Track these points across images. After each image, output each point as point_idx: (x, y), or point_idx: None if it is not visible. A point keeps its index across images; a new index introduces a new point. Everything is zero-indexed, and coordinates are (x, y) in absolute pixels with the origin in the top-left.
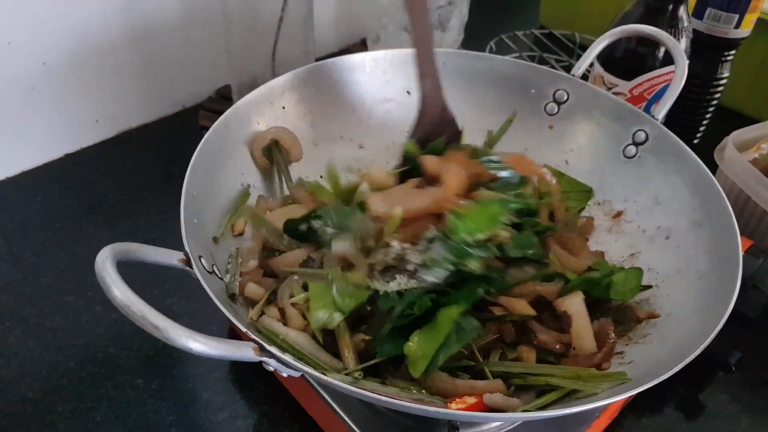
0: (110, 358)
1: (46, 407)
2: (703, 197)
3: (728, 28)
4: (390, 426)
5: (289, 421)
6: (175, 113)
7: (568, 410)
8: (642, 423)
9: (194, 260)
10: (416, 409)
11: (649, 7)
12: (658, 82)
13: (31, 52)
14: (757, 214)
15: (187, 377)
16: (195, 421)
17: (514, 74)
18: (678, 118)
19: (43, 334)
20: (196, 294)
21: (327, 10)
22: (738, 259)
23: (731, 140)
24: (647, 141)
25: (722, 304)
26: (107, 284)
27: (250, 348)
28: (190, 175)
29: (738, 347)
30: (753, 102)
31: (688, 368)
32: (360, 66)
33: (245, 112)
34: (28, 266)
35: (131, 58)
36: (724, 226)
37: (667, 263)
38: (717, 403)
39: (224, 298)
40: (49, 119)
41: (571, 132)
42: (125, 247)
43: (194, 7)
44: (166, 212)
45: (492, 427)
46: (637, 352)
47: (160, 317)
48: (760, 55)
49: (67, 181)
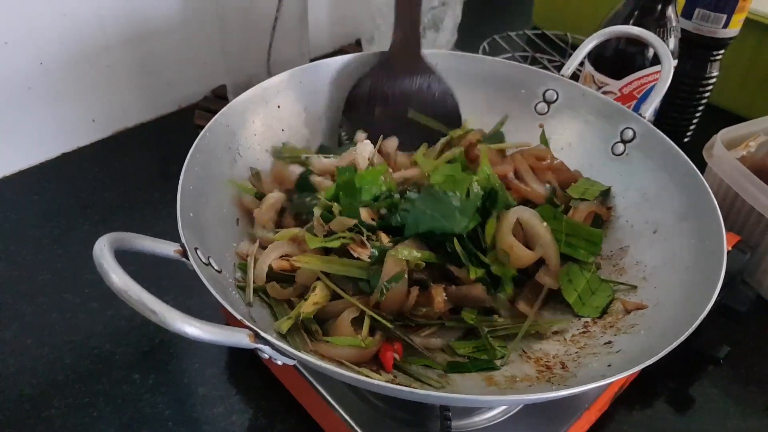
0: (107, 354)
1: (43, 403)
2: (690, 192)
3: (716, 28)
4: (383, 417)
5: (285, 416)
6: (171, 113)
7: (564, 392)
8: (632, 416)
9: (190, 252)
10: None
11: (638, 7)
12: (647, 81)
13: (27, 52)
14: (744, 210)
15: (183, 373)
16: (191, 415)
17: (505, 74)
18: (668, 117)
19: (40, 331)
20: (192, 290)
21: (321, 11)
22: (722, 251)
23: (720, 138)
24: (635, 138)
25: (707, 294)
26: (105, 270)
27: (245, 334)
28: (186, 170)
29: (727, 341)
30: (742, 101)
31: (677, 362)
32: (353, 66)
33: (241, 110)
34: (24, 264)
35: (127, 58)
36: (710, 219)
37: (654, 256)
38: (706, 397)
39: (220, 288)
40: (45, 119)
41: (561, 130)
42: (122, 236)
43: (190, 7)
44: (162, 211)
45: (483, 419)
46: (625, 342)
47: (156, 302)
48: (748, 54)
49: (64, 180)
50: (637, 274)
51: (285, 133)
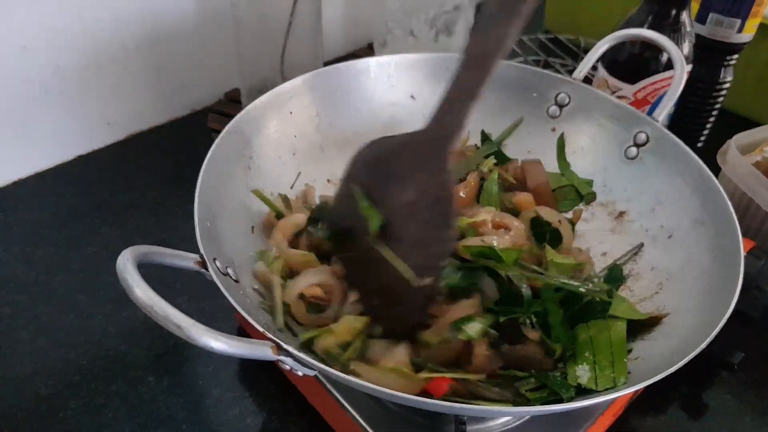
0: (122, 356)
1: (59, 403)
2: (704, 196)
3: (731, 33)
4: (398, 422)
5: (298, 418)
6: (185, 116)
7: (577, 404)
8: (646, 421)
9: (209, 263)
10: (426, 403)
11: (652, 12)
12: (662, 86)
13: (44, 55)
14: (759, 215)
15: (197, 375)
16: (205, 417)
17: (517, 78)
18: (682, 122)
19: (55, 332)
20: (204, 293)
21: (335, 15)
22: (739, 255)
23: (734, 143)
24: (648, 142)
25: (725, 300)
26: (129, 285)
27: (268, 347)
28: (202, 180)
29: (741, 347)
30: (756, 106)
31: (691, 367)
32: (365, 71)
33: (254, 116)
34: (40, 266)
35: (142, 61)
36: (725, 224)
37: (670, 261)
38: (720, 402)
39: (240, 299)
40: (61, 121)
41: (573, 134)
42: (145, 249)
43: (205, 11)
44: (177, 213)
45: (498, 424)
46: (643, 349)
47: (181, 316)
48: (762, 59)
49: (79, 182)
50: (653, 280)
51: (297, 139)
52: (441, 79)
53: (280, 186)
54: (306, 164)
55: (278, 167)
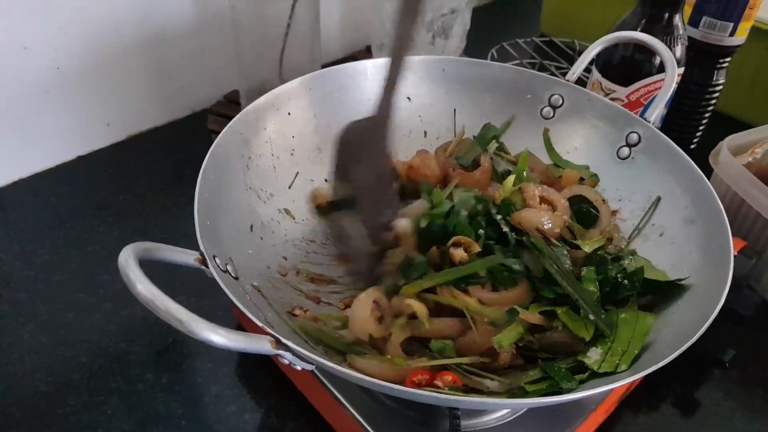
0: (121, 353)
1: (59, 400)
2: (695, 195)
3: (723, 36)
4: (395, 417)
5: (296, 415)
6: (184, 117)
7: (571, 396)
8: (638, 419)
9: (209, 260)
10: (419, 395)
11: (646, 15)
12: (654, 88)
13: (45, 56)
14: (750, 215)
15: (196, 372)
16: (204, 414)
17: (511, 79)
18: (675, 124)
19: (55, 330)
20: (202, 293)
21: (333, 18)
22: (729, 253)
23: (726, 145)
24: (640, 142)
25: (715, 298)
26: (131, 280)
27: (267, 341)
28: (201, 180)
29: (732, 345)
30: (748, 108)
31: (683, 365)
32: (361, 73)
33: (253, 118)
34: (40, 265)
35: (143, 63)
36: (716, 222)
37: (661, 259)
38: (712, 400)
39: (239, 295)
40: (61, 122)
41: (567, 135)
42: (146, 246)
43: (205, 14)
44: (176, 213)
45: (492, 418)
46: None
47: (182, 311)
48: (754, 62)
49: (79, 182)
50: None
51: (295, 140)
52: (437, 80)
53: (278, 186)
54: (304, 164)
55: (277, 167)
